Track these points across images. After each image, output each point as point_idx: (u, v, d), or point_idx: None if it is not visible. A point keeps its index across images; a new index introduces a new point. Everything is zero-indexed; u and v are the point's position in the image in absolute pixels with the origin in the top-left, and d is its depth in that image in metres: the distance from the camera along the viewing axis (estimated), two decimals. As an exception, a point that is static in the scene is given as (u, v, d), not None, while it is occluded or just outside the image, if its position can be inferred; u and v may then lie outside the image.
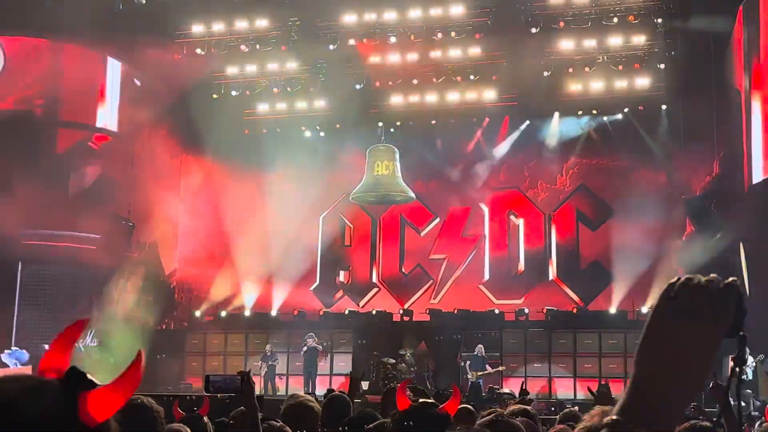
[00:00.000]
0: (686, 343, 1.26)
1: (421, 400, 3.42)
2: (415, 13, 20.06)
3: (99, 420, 1.31)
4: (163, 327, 21.53)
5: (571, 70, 20.44)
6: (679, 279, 1.29)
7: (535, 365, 19.65)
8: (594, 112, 21.75)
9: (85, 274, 19.47)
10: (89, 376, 1.32)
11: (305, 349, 19.52)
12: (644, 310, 19.40)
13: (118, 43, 20.15)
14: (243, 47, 20.77)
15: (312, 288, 22.74)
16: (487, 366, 18.68)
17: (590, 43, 19.76)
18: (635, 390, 1.27)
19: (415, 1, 20.02)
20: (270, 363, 19.62)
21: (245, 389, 3.72)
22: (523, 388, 13.59)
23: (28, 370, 14.87)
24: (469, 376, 18.45)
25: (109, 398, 1.32)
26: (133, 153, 21.30)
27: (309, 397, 4.95)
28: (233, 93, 21.97)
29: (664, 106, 20.97)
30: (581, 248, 21.52)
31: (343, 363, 20.85)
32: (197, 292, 22.39)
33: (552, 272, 21.61)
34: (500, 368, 18.99)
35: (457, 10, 19.77)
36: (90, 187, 21.22)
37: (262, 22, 20.69)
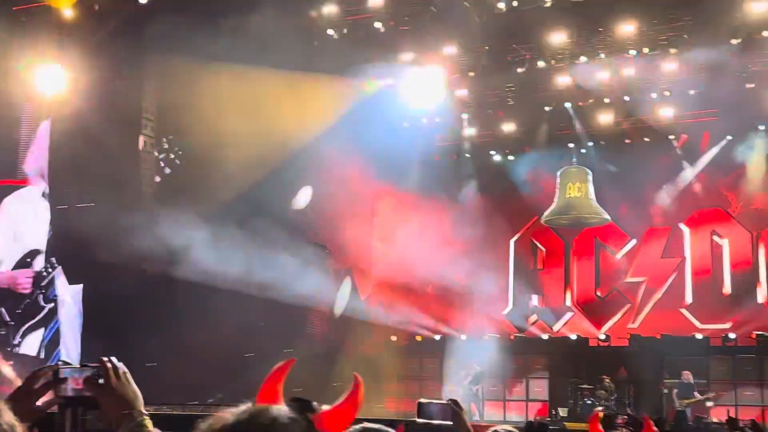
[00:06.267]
0: None
1: None
2: (603, 32, 19.54)
3: None
4: (360, 352, 21.96)
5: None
6: None
7: (746, 393, 18.64)
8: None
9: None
10: (313, 403, 1.56)
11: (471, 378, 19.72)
12: None
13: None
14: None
15: (505, 312, 22.58)
16: (695, 393, 17.89)
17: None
18: None
19: (603, 20, 19.48)
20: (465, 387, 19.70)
21: (455, 419, 3.81)
22: (731, 416, 12.23)
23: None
24: (676, 404, 17.74)
25: (339, 417, 1.56)
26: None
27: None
28: (423, 120, 22.23)
29: None
30: (795, 268, 20.27)
31: (539, 389, 20.66)
32: (392, 317, 22.71)
33: (762, 294, 20.39)
34: (710, 395, 18.19)
35: (652, 24, 19.04)
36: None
37: (450, 50, 20.37)
